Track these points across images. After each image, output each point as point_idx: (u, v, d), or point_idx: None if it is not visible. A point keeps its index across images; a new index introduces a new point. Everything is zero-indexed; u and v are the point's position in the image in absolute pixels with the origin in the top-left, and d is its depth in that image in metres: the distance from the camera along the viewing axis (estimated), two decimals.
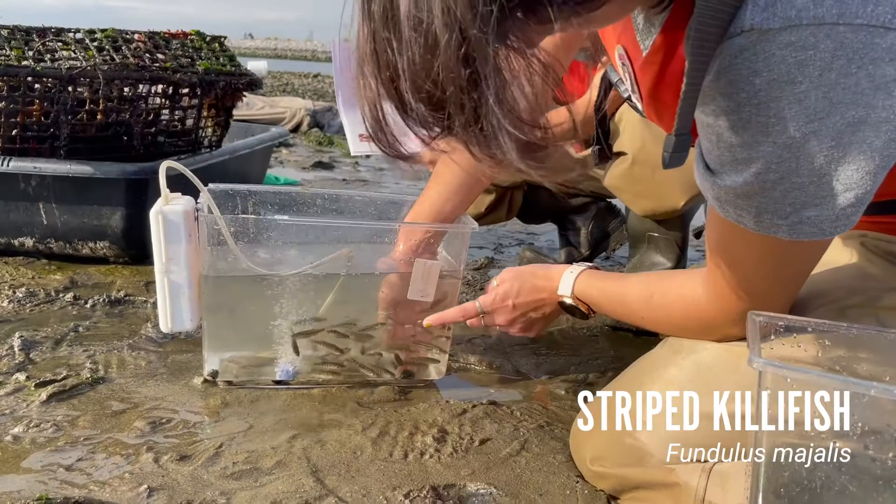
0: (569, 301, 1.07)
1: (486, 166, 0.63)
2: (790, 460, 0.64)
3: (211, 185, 1.21)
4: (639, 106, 0.83)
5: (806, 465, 0.63)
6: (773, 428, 0.64)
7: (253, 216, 1.19)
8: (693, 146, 0.72)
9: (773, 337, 0.77)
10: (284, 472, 0.94)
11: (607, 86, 1.17)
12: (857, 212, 0.68)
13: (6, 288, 1.55)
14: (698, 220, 1.63)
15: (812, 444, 0.63)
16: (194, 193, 1.11)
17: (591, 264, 1.09)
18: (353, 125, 1.49)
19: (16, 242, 1.74)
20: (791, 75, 0.60)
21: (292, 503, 0.88)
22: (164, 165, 1.05)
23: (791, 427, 0.64)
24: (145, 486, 0.89)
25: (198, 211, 1.08)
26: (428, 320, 1.17)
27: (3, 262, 1.74)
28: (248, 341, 1.16)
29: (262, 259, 1.12)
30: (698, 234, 1.17)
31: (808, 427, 0.63)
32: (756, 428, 0.65)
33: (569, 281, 1.07)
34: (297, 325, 1.14)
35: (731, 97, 0.64)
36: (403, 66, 0.56)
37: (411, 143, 0.64)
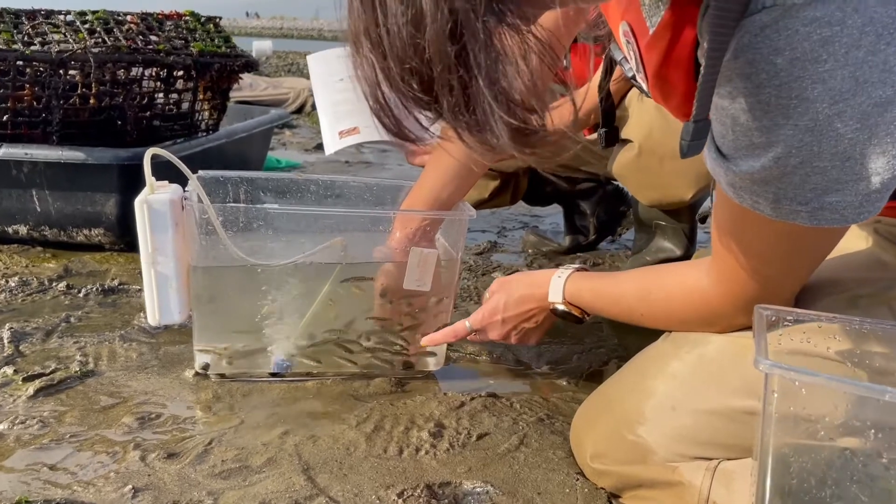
0: (561, 307, 1.02)
1: (477, 154, 0.59)
2: (799, 467, 0.60)
3: (201, 172, 1.17)
4: (644, 86, 0.79)
5: (815, 473, 0.59)
6: (780, 432, 0.60)
7: (241, 205, 1.15)
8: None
9: (780, 331, 0.73)
10: (275, 471, 0.92)
11: (611, 64, 1.12)
12: (883, 198, 0.63)
13: None
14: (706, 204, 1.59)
15: (822, 451, 0.60)
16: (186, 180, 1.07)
17: (578, 265, 1.05)
18: (331, 123, 1.45)
19: (10, 230, 1.72)
20: (815, 53, 0.56)
21: (281, 503, 0.85)
22: (149, 153, 1.01)
23: (800, 432, 0.61)
24: (130, 486, 0.86)
25: (185, 199, 1.04)
26: (423, 342, 1.15)
27: None
28: (239, 333, 1.13)
29: (252, 248, 1.08)
30: (703, 219, 1.13)
31: (818, 433, 0.59)
32: (762, 433, 0.61)
33: (558, 286, 1.02)
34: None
35: (749, 78, 0.59)
36: (389, 41, 0.52)
37: (417, 124, 0.60)
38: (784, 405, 0.59)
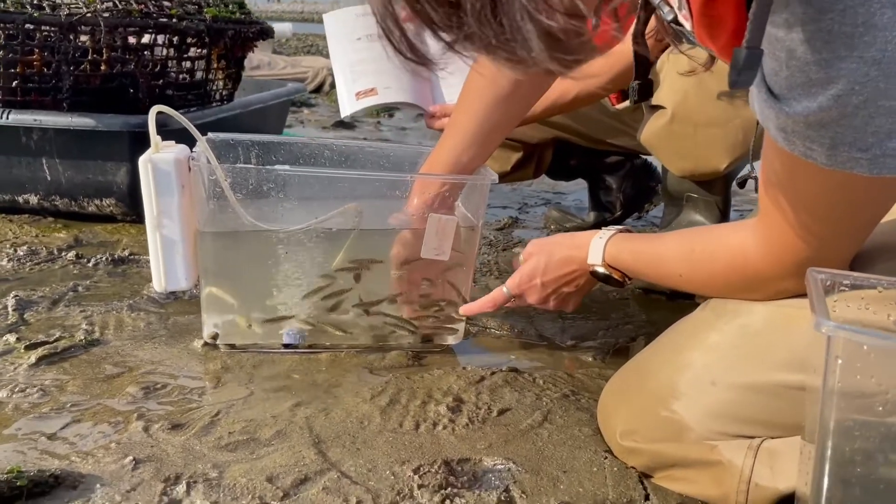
0: (601, 270, 0.97)
1: (506, 68, 0.52)
2: (863, 444, 0.54)
3: (210, 135, 1.12)
4: (687, 26, 0.72)
5: (883, 451, 0.53)
6: (842, 405, 0.54)
7: (251, 166, 1.10)
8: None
9: (835, 297, 0.67)
10: (284, 444, 0.86)
11: (648, 10, 1.05)
12: None
13: (8, 246, 1.48)
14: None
15: (892, 427, 0.53)
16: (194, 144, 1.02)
17: (621, 227, 0.99)
18: (348, 84, 1.39)
19: (20, 199, 1.68)
20: None
21: (290, 478, 0.80)
22: (154, 109, 0.96)
23: (865, 406, 0.54)
24: (131, 457, 0.81)
25: (192, 160, 0.99)
26: (462, 311, 1.11)
27: (8, 219, 1.67)
28: (250, 302, 1.08)
29: (263, 213, 1.03)
30: (742, 184, 1.06)
31: (886, 406, 0.53)
32: (821, 406, 0.55)
33: (598, 248, 0.96)
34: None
35: (810, 2, 0.52)
36: None
37: (431, 48, 0.53)
38: (848, 375, 0.52)
